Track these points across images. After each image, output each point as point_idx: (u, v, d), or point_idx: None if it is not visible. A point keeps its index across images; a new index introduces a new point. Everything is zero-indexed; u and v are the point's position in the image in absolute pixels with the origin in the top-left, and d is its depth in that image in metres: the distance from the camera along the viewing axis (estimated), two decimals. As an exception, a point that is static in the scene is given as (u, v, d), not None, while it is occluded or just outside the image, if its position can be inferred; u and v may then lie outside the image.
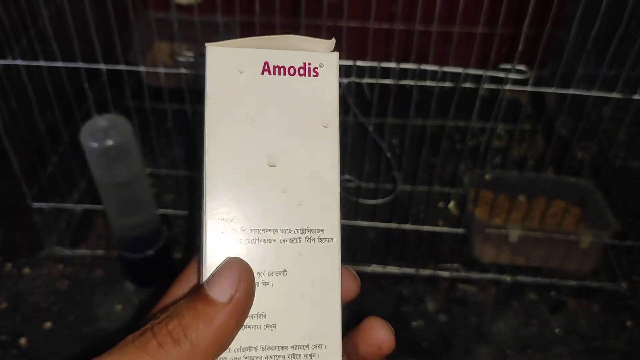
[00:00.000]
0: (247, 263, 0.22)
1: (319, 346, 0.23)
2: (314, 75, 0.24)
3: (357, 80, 0.68)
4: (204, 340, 0.21)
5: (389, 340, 0.25)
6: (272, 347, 0.23)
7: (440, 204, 0.92)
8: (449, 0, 0.65)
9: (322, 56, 0.25)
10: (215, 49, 0.24)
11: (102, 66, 0.71)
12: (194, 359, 0.21)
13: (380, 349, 0.25)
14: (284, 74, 0.24)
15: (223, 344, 0.22)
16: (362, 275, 0.26)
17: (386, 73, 0.69)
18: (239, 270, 0.22)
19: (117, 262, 0.82)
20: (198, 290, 0.22)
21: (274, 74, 0.24)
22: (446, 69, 0.68)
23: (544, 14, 0.65)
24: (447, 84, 0.72)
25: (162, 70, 0.72)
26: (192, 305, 0.21)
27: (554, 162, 0.91)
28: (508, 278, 0.82)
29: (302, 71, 0.24)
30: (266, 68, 0.24)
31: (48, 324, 0.76)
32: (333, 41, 0.25)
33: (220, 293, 0.21)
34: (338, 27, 0.73)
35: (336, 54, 0.25)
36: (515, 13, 0.67)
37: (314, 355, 0.23)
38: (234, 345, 0.22)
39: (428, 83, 0.70)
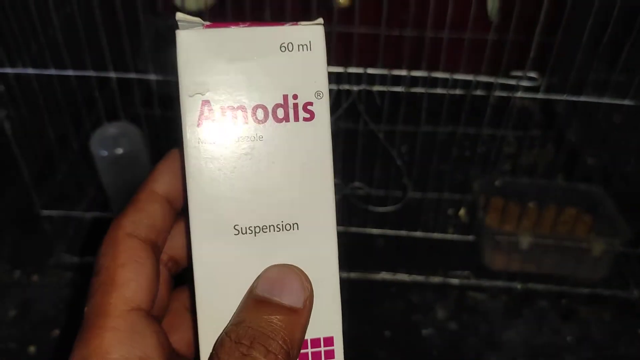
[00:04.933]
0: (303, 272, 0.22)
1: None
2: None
3: (368, 87, 0.68)
4: (297, 350, 0.20)
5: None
6: None
7: (450, 211, 0.92)
8: (460, 6, 0.65)
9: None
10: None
11: (113, 74, 0.71)
12: None
13: None
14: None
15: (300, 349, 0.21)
16: (371, 283, 0.26)
17: (397, 80, 0.69)
18: (303, 274, 0.21)
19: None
20: (261, 302, 0.21)
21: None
22: (457, 76, 0.68)
23: (555, 21, 0.65)
24: (458, 92, 0.71)
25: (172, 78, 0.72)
26: (268, 319, 0.20)
27: (564, 168, 0.91)
28: (519, 285, 0.81)
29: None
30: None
31: (57, 332, 0.75)
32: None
33: (295, 299, 0.21)
34: (349, 34, 0.73)
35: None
36: (527, 19, 0.67)
37: None
38: None
39: (439, 91, 0.70)
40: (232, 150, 0.22)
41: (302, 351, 0.22)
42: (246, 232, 0.22)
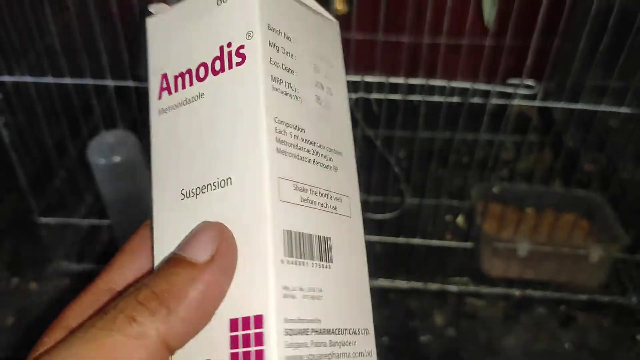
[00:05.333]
0: (221, 223, 0.19)
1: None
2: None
3: (365, 95, 0.68)
4: (186, 308, 0.18)
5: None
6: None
7: (448, 217, 0.92)
8: (458, 12, 0.65)
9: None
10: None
11: (110, 82, 0.71)
12: (174, 331, 0.18)
13: None
14: None
15: (208, 312, 0.19)
16: (370, 290, 0.24)
17: (394, 88, 0.69)
18: (216, 228, 0.19)
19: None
20: (169, 258, 0.19)
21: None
22: (454, 84, 0.68)
23: (551, 27, 0.65)
24: (455, 99, 0.71)
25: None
26: (167, 271, 0.19)
27: (562, 174, 0.91)
28: (517, 292, 0.81)
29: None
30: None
31: (55, 340, 0.75)
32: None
33: (200, 252, 0.19)
34: (346, 40, 0.73)
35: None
36: (524, 26, 0.67)
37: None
38: None
39: (436, 98, 0.70)
40: (183, 114, 0.22)
41: (232, 334, 0.19)
42: (190, 196, 0.21)
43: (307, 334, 0.19)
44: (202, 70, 0.22)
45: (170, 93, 0.22)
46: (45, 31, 0.70)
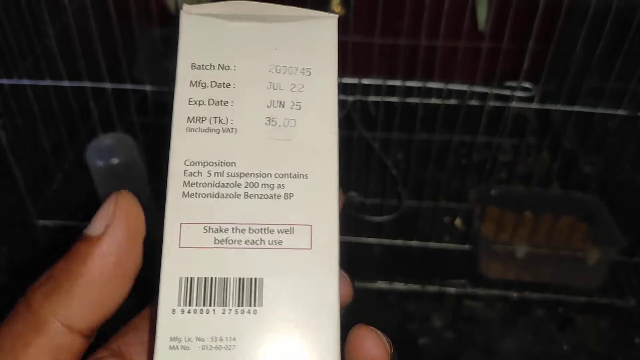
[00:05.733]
0: (124, 191, 0.19)
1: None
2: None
3: (363, 98, 0.68)
4: (83, 286, 0.17)
5: (383, 355, 0.19)
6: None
7: (446, 219, 0.92)
8: (455, 15, 0.65)
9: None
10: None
11: (108, 85, 0.71)
12: (76, 313, 0.17)
13: None
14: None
15: (109, 290, 0.17)
16: (367, 292, 0.23)
17: (391, 91, 0.69)
18: (113, 197, 0.18)
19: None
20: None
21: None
22: (451, 86, 0.68)
23: (548, 30, 0.65)
24: (453, 102, 0.71)
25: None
26: (69, 252, 0.18)
27: (560, 177, 0.91)
28: (515, 294, 0.81)
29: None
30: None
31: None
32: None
33: (96, 225, 0.17)
34: (343, 42, 0.73)
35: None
36: (521, 28, 0.67)
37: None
38: None
39: (433, 101, 0.70)
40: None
41: None
42: None
43: None
44: None
45: None
46: (43, 34, 0.70)
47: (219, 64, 0.21)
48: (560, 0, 0.62)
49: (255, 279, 0.19)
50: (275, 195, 0.20)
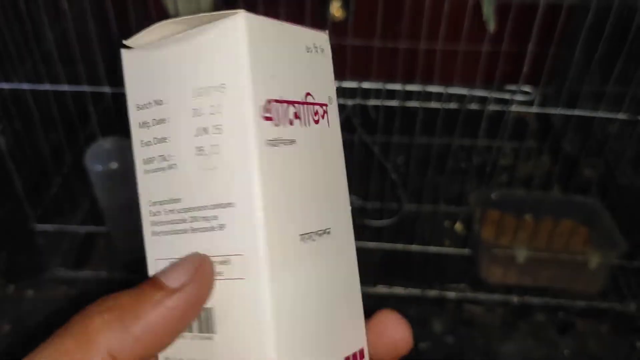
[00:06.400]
0: (207, 256, 0.19)
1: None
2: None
3: (362, 102, 0.68)
4: (142, 328, 0.17)
5: (406, 337, 0.21)
6: None
7: (446, 224, 0.92)
8: (455, 18, 0.65)
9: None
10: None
11: (107, 89, 0.71)
12: (124, 348, 0.17)
13: (396, 349, 0.21)
14: None
15: (163, 338, 0.18)
16: (367, 297, 0.22)
17: (391, 94, 0.69)
18: (197, 259, 0.19)
19: (122, 283, 0.82)
20: (149, 277, 0.19)
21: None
22: (451, 90, 0.68)
23: (548, 34, 0.65)
24: (452, 106, 0.71)
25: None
26: (139, 288, 0.19)
27: (560, 180, 0.91)
28: (515, 299, 0.81)
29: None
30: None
31: (51, 348, 0.75)
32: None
33: (173, 278, 0.18)
34: (342, 46, 0.73)
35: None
36: (521, 32, 0.67)
37: None
38: None
39: (433, 105, 0.70)
40: None
41: None
42: None
43: None
44: None
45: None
46: (42, 38, 0.70)
47: (154, 100, 0.21)
48: (560, 4, 0.62)
49: (210, 308, 0.20)
50: (211, 227, 0.20)
